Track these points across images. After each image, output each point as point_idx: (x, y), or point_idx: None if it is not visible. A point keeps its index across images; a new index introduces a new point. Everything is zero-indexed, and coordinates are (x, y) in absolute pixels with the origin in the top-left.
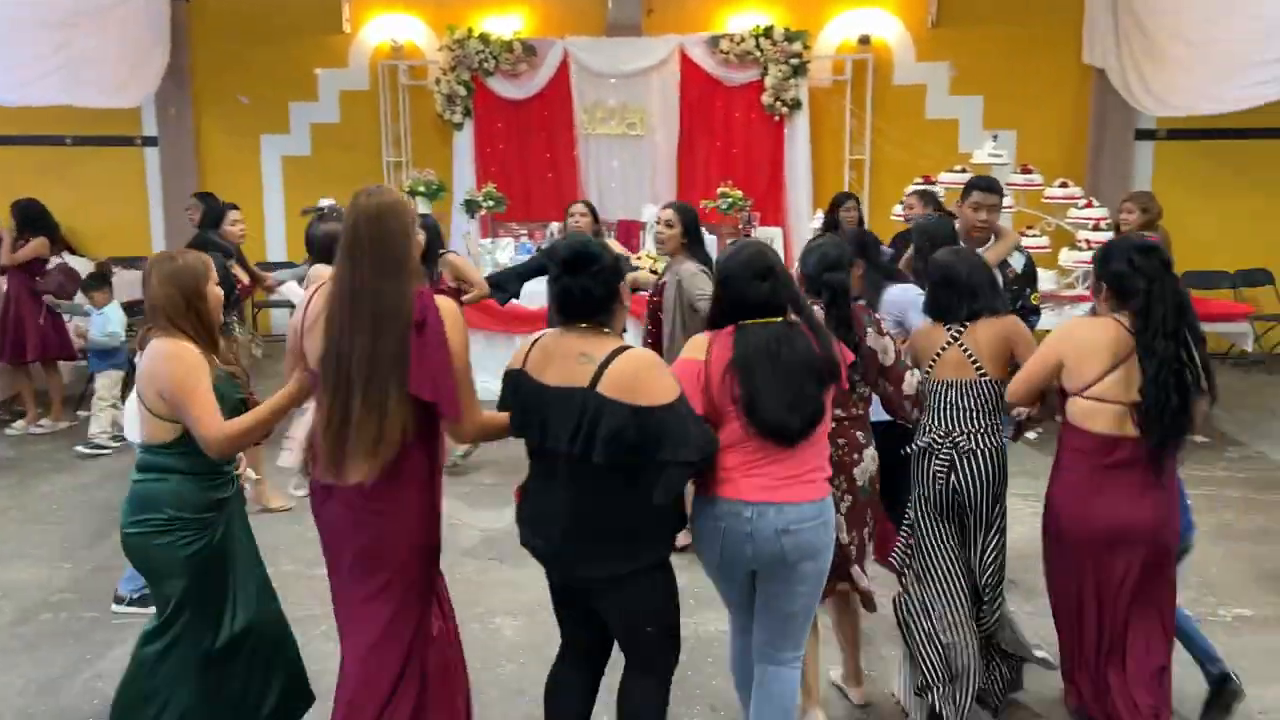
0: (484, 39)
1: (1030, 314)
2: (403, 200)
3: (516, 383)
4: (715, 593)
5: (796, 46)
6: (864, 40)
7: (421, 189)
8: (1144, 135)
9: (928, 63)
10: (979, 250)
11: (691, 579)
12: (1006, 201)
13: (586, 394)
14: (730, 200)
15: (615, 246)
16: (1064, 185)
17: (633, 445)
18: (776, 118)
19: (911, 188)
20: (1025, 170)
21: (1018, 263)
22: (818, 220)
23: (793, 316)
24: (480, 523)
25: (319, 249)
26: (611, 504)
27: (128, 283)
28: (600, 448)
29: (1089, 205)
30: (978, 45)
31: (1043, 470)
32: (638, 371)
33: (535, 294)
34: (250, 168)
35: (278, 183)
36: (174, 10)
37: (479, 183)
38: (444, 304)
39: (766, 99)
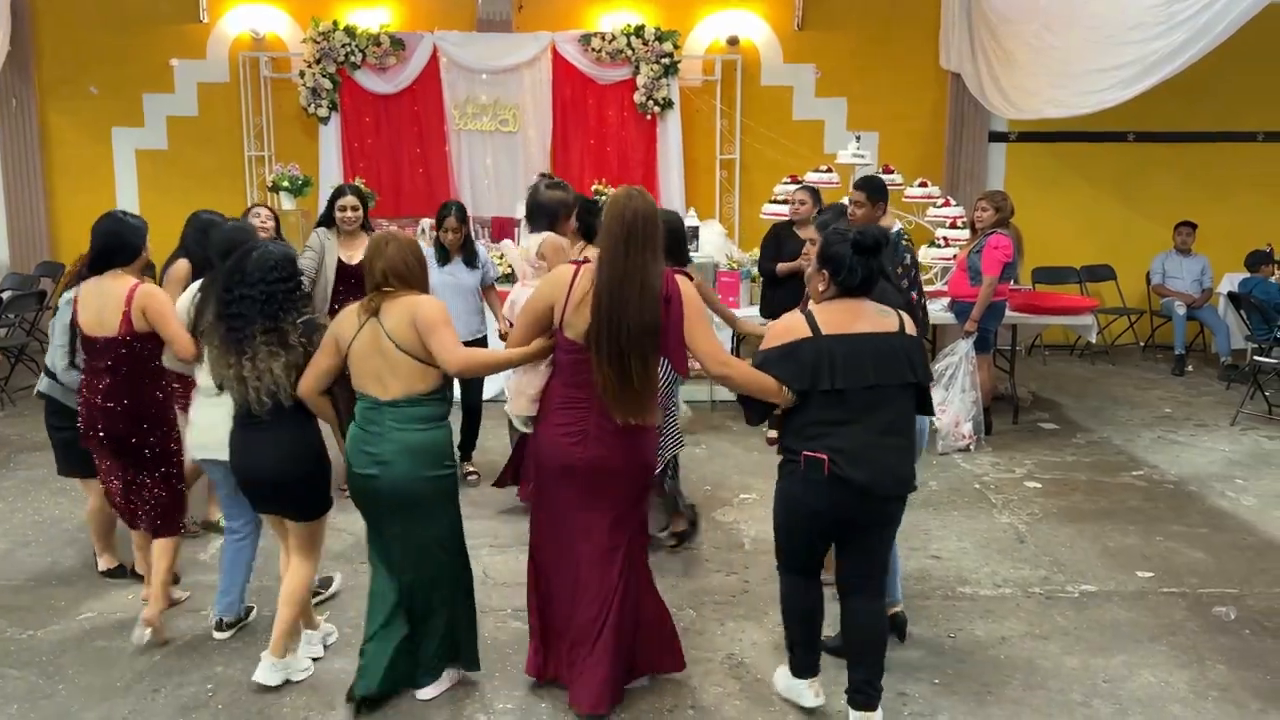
0: (350, 31)
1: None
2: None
3: (827, 346)
4: None
5: (667, 46)
6: (733, 41)
7: (286, 184)
8: (997, 137)
9: (794, 64)
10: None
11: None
12: None
13: (903, 336)
14: (605, 197)
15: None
16: (923, 185)
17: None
18: (649, 116)
19: (784, 186)
20: (887, 170)
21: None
22: (691, 218)
23: None
24: (351, 526)
25: (549, 215)
26: (911, 423)
27: None
28: (922, 372)
29: (946, 204)
30: (842, 49)
31: None
32: (906, 318)
33: None
34: (101, 162)
35: (131, 178)
36: None
37: (347, 177)
38: (683, 283)
39: (638, 97)
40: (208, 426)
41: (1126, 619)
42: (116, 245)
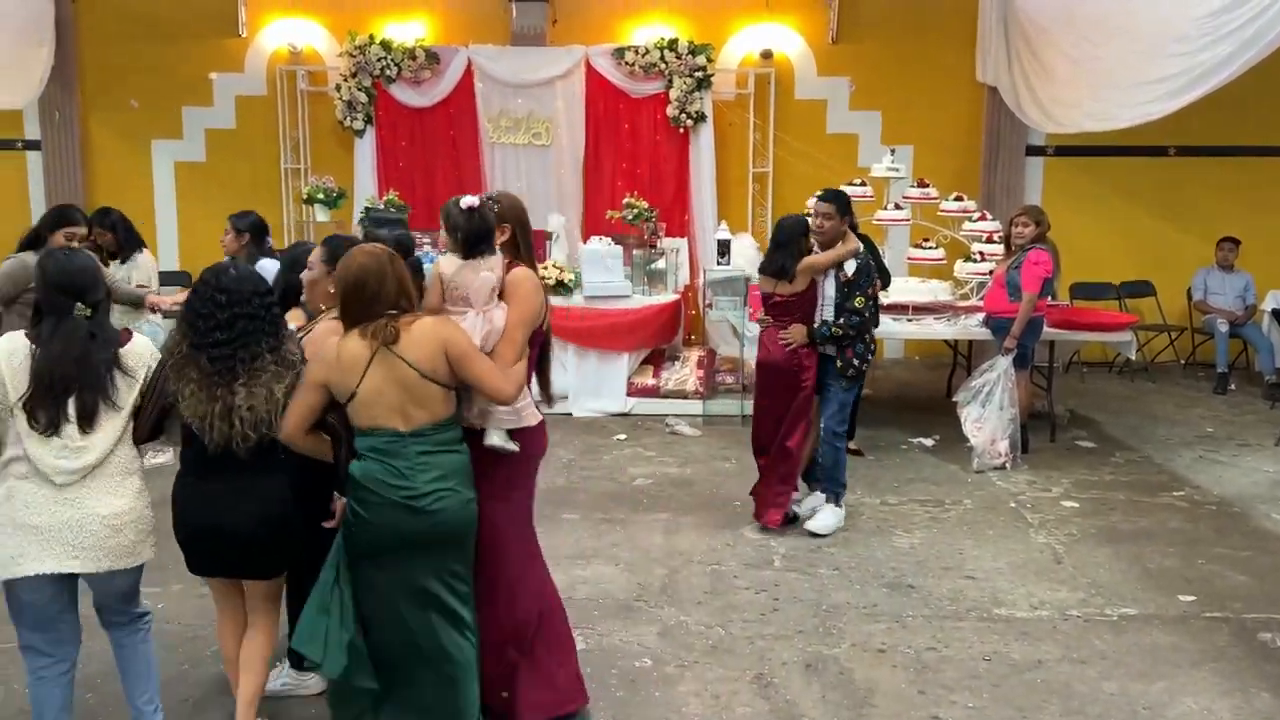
0: (386, 45)
1: (851, 314)
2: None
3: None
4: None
5: (700, 60)
6: (766, 55)
7: (320, 196)
8: (1034, 151)
9: (828, 78)
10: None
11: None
12: (903, 214)
13: None
14: (636, 211)
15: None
16: (959, 199)
17: None
18: (681, 129)
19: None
20: (921, 184)
21: (850, 268)
22: (723, 231)
23: None
24: None
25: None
26: None
27: None
28: None
29: (982, 218)
30: (876, 62)
31: (943, 478)
32: None
33: None
34: (141, 174)
35: (170, 189)
36: (59, 9)
37: (381, 191)
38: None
39: (671, 111)
40: (43, 527)
41: (1167, 644)
42: None
